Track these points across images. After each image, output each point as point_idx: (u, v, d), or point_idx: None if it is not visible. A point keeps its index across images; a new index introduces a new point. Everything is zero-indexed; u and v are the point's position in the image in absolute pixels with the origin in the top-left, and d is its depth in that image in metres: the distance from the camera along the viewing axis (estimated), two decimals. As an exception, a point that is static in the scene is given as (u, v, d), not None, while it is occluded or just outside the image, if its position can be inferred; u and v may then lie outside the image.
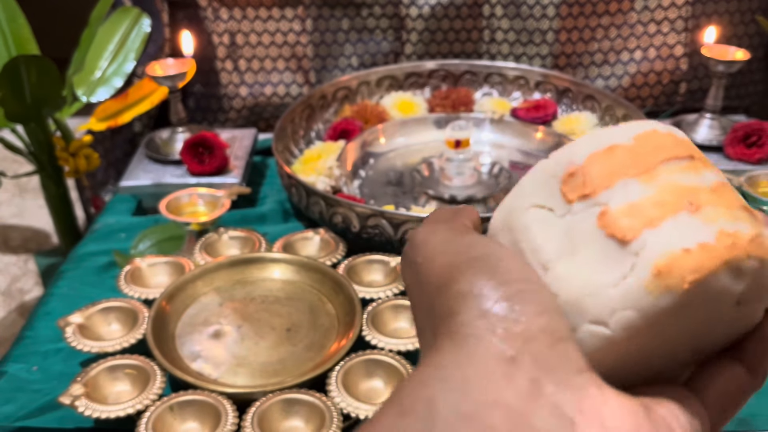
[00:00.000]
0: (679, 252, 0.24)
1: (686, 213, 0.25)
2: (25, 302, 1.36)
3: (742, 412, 0.62)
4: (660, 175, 0.26)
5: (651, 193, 0.26)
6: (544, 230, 0.28)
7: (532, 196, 0.29)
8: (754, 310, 0.28)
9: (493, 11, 1.13)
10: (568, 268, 0.26)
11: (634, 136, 0.28)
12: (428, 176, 0.94)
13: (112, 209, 0.95)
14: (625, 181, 0.26)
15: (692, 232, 0.25)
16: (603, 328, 0.25)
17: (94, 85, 1.03)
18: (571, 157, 0.28)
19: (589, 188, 0.27)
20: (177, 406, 0.59)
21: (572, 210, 0.27)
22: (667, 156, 0.27)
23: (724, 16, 1.13)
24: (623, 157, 0.27)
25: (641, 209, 0.26)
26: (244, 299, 0.72)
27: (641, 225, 0.25)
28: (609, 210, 0.26)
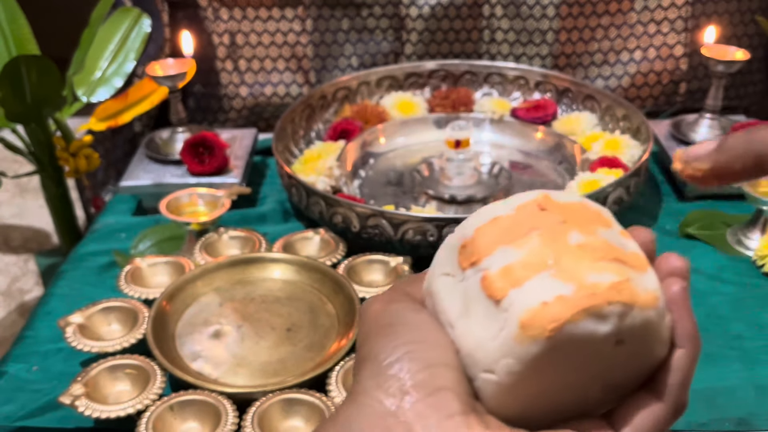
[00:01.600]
0: (538, 306, 0.28)
1: (547, 272, 0.29)
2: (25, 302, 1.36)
3: (742, 411, 0.62)
4: (531, 239, 0.30)
5: (521, 256, 0.29)
6: (448, 294, 0.32)
7: (441, 265, 0.33)
8: (648, 348, 0.30)
9: (493, 11, 1.13)
10: (464, 326, 0.31)
11: (517, 207, 0.32)
12: (428, 176, 0.94)
13: (112, 209, 0.95)
14: (503, 248, 0.30)
15: (551, 288, 0.28)
16: (492, 376, 0.29)
17: (95, 85, 1.03)
18: (464, 231, 0.32)
19: (475, 256, 0.31)
20: (177, 405, 0.59)
21: (465, 276, 0.31)
22: (539, 222, 0.30)
23: (724, 16, 1.13)
24: (504, 227, 0.31)
25: (511, 271, 0.29)
26: (245, 299, 0.72)
27: (509, 285, 0.29)
28: (488, 274, 0.30)
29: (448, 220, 0.76)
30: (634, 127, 0.95)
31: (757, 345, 0.70)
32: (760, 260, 0.79)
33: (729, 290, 0.77)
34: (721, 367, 0.67)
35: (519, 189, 0.93)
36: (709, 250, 0.83)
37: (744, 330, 0.71)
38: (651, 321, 0.29)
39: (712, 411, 0.63)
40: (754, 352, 0.69)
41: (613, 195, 0.80)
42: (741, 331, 0.71)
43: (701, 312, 0.74)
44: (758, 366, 0.67)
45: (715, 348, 0.69)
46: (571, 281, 0.28)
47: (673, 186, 0.95)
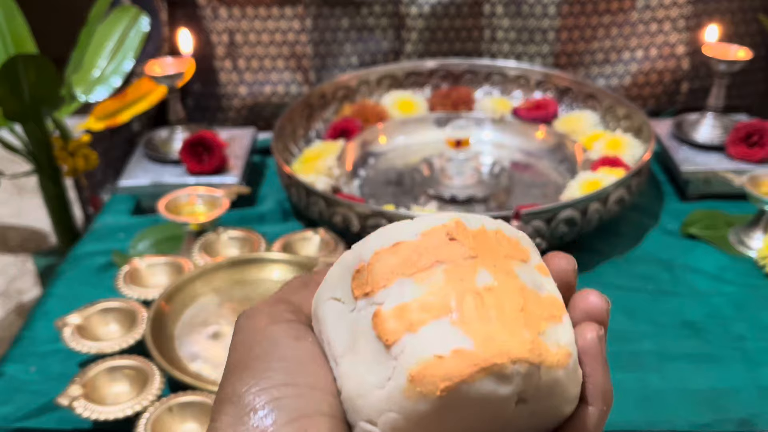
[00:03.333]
0: (432, 359, 0.24)
1: (448, 318, 0.25)
2: (23, 302, 1.36)
3: (744, 412, 0.62)
4: (434, 275, 0.26)
5: (420, 294, 0.26)
6: (336, 323, 0.28)
7: (332, 288, 0.29)
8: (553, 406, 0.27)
9: (494, 10, 1.12)
10: (349, 365, 0.27)
11: (422, 232, 0.27)
12: (428, 176, 0.94)
13: (110, 209, 0.95)
14: (401, 281, 0.26)
15: (449, 339, 0.25)
16: (374, 428, 0.26)
17: (93, 84, 1.03)
18: (361, 253, 0.28)
19: (369, 286, 0.27)
20: (176, 407, 0.59)
21: (357, 306, 0.27)
22: (446, 254, 0.26)
23: (726, 15, 1.13)
24: (405, 255, 0.27)
25: (408, 311, 0.25)
26: (244, 299, 0.72)
27: (403, 329, 0.25)
28: (380, 311, 0.26)
29: (448, 220, 0.75)
30: (635, 126, 0.95)
31: (760, 346, 0.69)
32: (762, 260, 0.79)
33: (731, 290, 0.76)
34: (724, 368, 0.67)
35: (520, 189, 0.92)
36: (711, 250, 0.82)
37: (746, 331, 0.71)
38: (559, 381, 0.26)
39: (714, 412, 0.62)
40: (757, 353, 0.69)
41: (614, 195, 0.80)
42: (743, 331, 0.71)
43: (703, 312, 0.73)
44: (761, 367, 0.67)
45: (717, 349, 0.69)
46: (473, 333, 0.25)
47: (675, 186, 0.95)
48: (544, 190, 0.93)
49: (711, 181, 0.90)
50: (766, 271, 0.78)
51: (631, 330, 0.72)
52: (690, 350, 0.69)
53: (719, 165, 0.90)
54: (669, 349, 0.69)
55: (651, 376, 0.66)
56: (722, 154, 0.92)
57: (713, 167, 0.90)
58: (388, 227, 0.28)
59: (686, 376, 0.66)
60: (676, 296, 0.76)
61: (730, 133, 0.91)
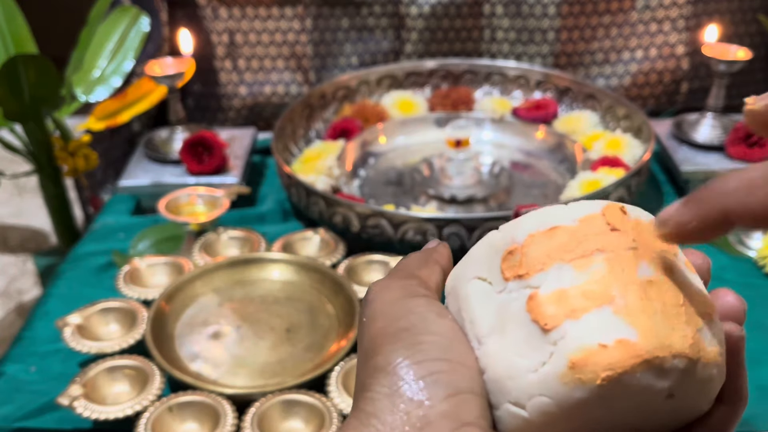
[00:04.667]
0: (595, 347, 0.24)
1: (609, 307, 0.25)
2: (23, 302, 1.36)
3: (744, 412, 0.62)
4: (594, 262, 0.26)
5: (581, 281, 0.25)
6: (481, 303, 0.28)
7: (476, 267, 0.29)
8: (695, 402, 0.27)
9: (494, 10, 1.12)
10: (496, 346, 0.27)
11: (580, 218, 0.27)
12: (428, 176, 0.94)
13: (110, 209, 0.95)
14: (559, 266, 0.26)
15: (613, 328, 0.25)
16: (521, 410, 0.26)
17: (93, 84, 1.03)
18: (514, 234, 0.28)
19: (524, 269, 0.27)
20: (176, 406, 0.59)
21: (507, 288, 0.27)
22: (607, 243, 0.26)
23: (726, 15, 1.13)
24: (563, 240, 0.27)
25: (567, 298, 0.25)
26: (244, 299, 0.72)
27: (563, 314, 0.25)
28: (537, 295, 0.26)
29: (448, 220, 0.75)
30: (635, 126, 0.95)
31: (759, 346, 0.69)
32: (761, 260, 0.79)
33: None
34: (723, 368, 0.67)
35: (520, 189, 0.93)
36: (711, 250, 0.82)
37: (746, 330, 0.71)
38: (711, 378, 0.26)
39: (714, 412, 0.62)
40: (756, 353, 0.69)
41: (614, 195, 0.80)
42: (743, 331, 0.71)
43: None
44: (760, 366, 0.67)
45: (717, 348, 0.69)
46: (636, 325, 0.25)
47: (675, 186, 0.95)
48: (544, 190, 0.93)
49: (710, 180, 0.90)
50: (765, 270, 0.78)
51: (631, 330, 0.72)
52: (689, 350, 0.69)
53: (719, 165, 0.90)
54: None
55: (650, 376, 0.66)
56: (722, 154, 0.92)
57: (713, 167, 0.90)
58: (542, 210, 0.28)
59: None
60: (676, 296, 0.76)
61: (729, 133, 0.92)
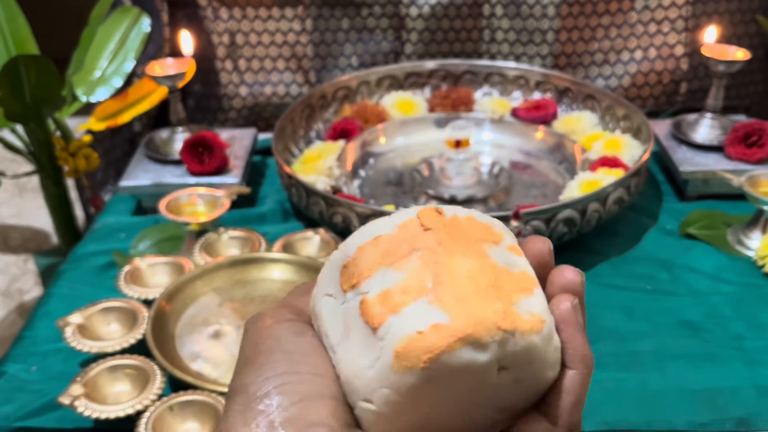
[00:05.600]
0: (414, 335, 0.27)
1: (425, 298, 0.28)
2: (24, 302, 1.36)
3: (743, 411, 0.62)
4: (411, 262, 0.29)
5: (400, 280, 0.28)
6: (330, 317, 0.31)
7: (325, 285, 0.32)
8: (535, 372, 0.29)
9: (493, 11, 1.12)
10: (344, 352, 0.29)
11: (399, 225, 0.30)
12: (428, 176, 0.94)
13: (111, 209, 0.95)
14: (383, 270, 0.29)
15: (428, 316, 0.27)
16: (371, 405, 0.28)
17: (94, 84, 1.03)
18: (346, 250, 0.31)
19: (356, 278, 0.29)
20: (177, 406, 0.59)
21: (347, 299, 0.30)
22: (421, 242, 0.29)
23: (725, 15, 1.13)
24: (385, 247, 0.29)
25: (390, 296, 0.28)
26: (244, 299, 0.72)
27: (387, 312, 0.28)
28: (366, 299, 0.29)
29: (448, 220, 0.75)
30: (634, 126, 0.95)
31: (758, 345, 0.70)
32: (760, 260, 0.79)
33: (729, 290, 0.77)
34: (722, 367, 0.67)
35: (519, 189, 0.93)
36: (710, 250, 0.83)
37: (745, 330, 0.71)
38: (535, 346, 0.28)
39: (713, 411, 0.63)
40: (755, 352, 0.69)
41: (613, 195, 0.80)
42: (742, 331, 0.71)
43: (701, 312, 0.74)
44: (759, 366, 0.67)
45: (715, 348, 0.69)
46: (449, 308, 0.27)
47: (674, 186, 0.95)
48: (544, 190, 0.93)
49: (710, 181, 0.90)
50: (764, 270, 0.78)
51: (630, 330, 0.72)
52: (689, 350, 0.69)
53: (718, 165, 0.90)
54: (668, 349, 0.69)
55: (650, 376, 0.67)
56: (721, 154, 0.92)
57: (712, 167, 0.90)
58: (369, 224, 0.31)
59: (685, 376, 0.66)
60: (675, 296, 0.76)
61: (728, 133, 0.92)
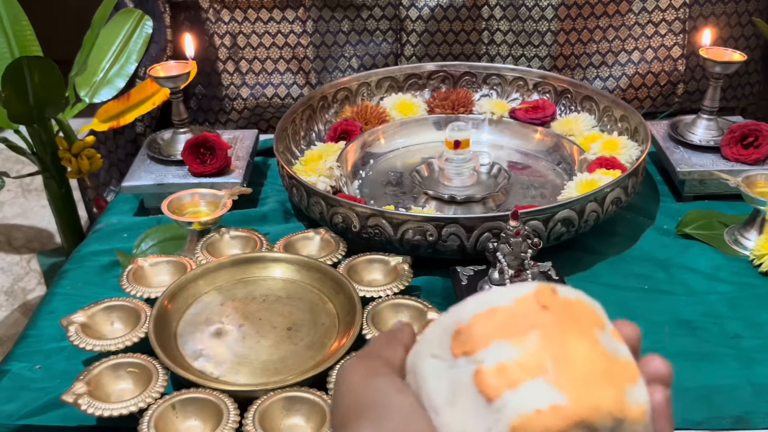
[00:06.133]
0: (531, 413, 0.28)
1: (543, 377, 0.28)
2: (28, 301, 1.37)
3: (739, 410, 0.63)
4: (529, 339, 0.29)
5: (518, 355, 0.29)
6: (436, 378, 0.31)
7: (431, 345, 0.32)
8: None
9: (492, 13, 1.13)
10: (450, 416, 0.30)
11: (516, 299, 0.31)
12: (428, 176, 0.95)
13: (114, 209, 0.96)
14: (499, 342, 0.30)
15: (546, 395, 0.28)
16: None
17: (97, 86, 1.04)
18: (460, 316, 0.31)
19: (469, 346, 0.30)
20: (179, 404, 0.59)
21: (457, 364, 0.30)
22: (539, 321, 0.30)
23: (721, 18, 1.14)
24: (501, 319, 0.30)
25: (507, 370, 0.29)
26: (246, 298, 0.73)
27: (504, 386, 0.29)
28: (482, 369, 0.29)
29: (447, 220, 0.76)
30: (632, 127, 0.96)
31: (755, 344, 0.70)
32: (757, 260, 0.79)
33: (726, 289, 0.77)
34: (719, 366, 0.68)
35: (518, 189, 0.93)
36: (707, 250, 0.83)
37: (741, 329, 0.72)
38: None
39: (709, 409, 0.63)
40: (752, 351, 0.69)
41: (611, 195, 0.81)
42: (738, 330, 0.72)
43: (698, 311, 0.74)
44: (755, 365, 0.68)
45: (712, 347, 0.70)
46: (567, 390, 0.28)
47: (671, 186, 0.96)
48: (542, 190, 0.94)
49: (706, 181, 0.91)
50: (760, 270, 0.79)
51: (627, 328, 0.72)
52: (685, 348, 0.70)
53: (714, 166, 0.91)
54: (664, 348, 0.70)
55: (646, 374, 0.67)
56: (717, 155, 0.93)
57: (708, 168, 0.90)
58: (484, 293, 0.32)
59: (682, 374, 0.67)
60: (672, 295, 0.77)
61: (725, 134, 0.92)
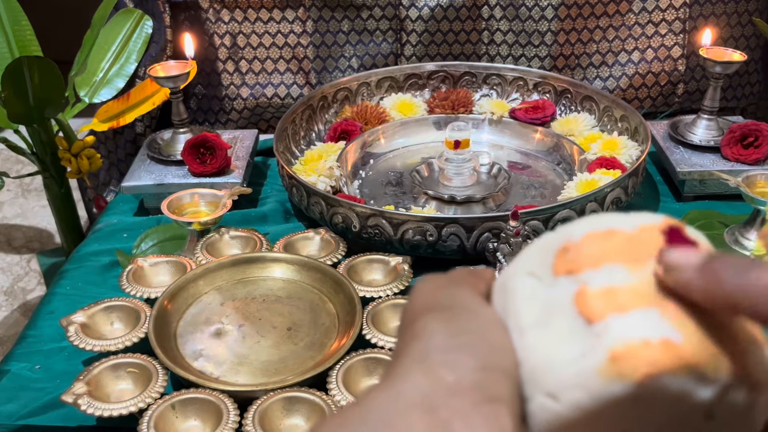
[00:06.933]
0: (638, 343, 0.24)
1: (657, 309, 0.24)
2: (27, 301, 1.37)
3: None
4: (648, 268, 0.26)
5: (632, 281, 0.25)
6: (529, 296, 0.27)
7: (528, 263, 0.29)
8: None
9: (492, 13, 1.13)
10: (537, 338, 0.26)
11: (639, 226, 0.27)
12: (428, 176, 0.95)
13: (114, 209, 0.96)
14: (612, 266, 0.26)
15: (659, 328, 0.24)
16: (555, 404, 0.25)
17: (97, 86, 1.04)
18: (570, 232, 0.28)
19: (576, 265, 0.26)
20: (179, 404, 0.59)
21: (557, 283, 0.27)
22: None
23: (721, 17, 1.14)
24: (619, 243, 0.26)
25: (616, 294, 0.25)
26: (246, 298, 0.73)
27: (610, 308, 0.25)
28: (586, 289, 0.25)
29: (447, 220, 0.76)
30: (632, 127, 0.96)
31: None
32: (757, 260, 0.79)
33: (726, 290, 0.77)
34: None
35: (518, 189, 0.93)
36: (707, 250, 0.83)
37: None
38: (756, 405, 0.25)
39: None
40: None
41: (611, 195, 0.81)
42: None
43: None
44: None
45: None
46: (683, 329, 0.24)
47: (671, 186, 0.96)
48: (542, 190, 0.94)
49: (706, 181, 0.91)
50: (760, 270, 0.79)
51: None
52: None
53: (714, 166, 0.91)
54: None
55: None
56: (717, 155, 0.93)
57: (709, 168, 0.91)
58: (600, 215, 0.28)
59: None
60: (671, 295, 0.77)
61: (725, 134, 0.92)
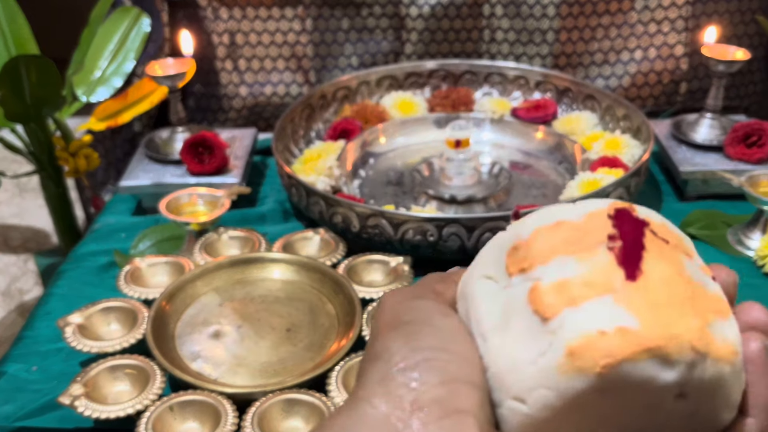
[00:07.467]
0: (594, 334, 0.23)
1: (610, 296, 0.24)
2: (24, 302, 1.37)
3: None
4: (598, 255, 0.25)
5: (583, 271, 0.25)
6: (487, 301, 0.27)
7: (484, 266, 0.28)
8: (712, 409, 0.25)
9: (493, 11, 1.13)
10: (499, 342, 0.26)
11: (587, 214, 0.27)
12: (428, 176, 0.94)
13: (111, 209, 0.95)
14: (562, 258, 0.25)
15: (614, 316, 0.23)
16: (523, 406, 0.25)
17: (94, 84, 1.03)
18: (519, 231, 0.27)
19: (527, 262, 0.26)
20: (177, 406, 0.59)
21: (512, 283, 0.26)
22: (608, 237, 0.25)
23: (725, 15, 1.13)
24: (567, 234, 0.26)
25: (568, 287, 0.24)
26: (244, 299, 0.72)
27: (563, 303, 0.24)
28: (539, 286, 0.25)
29: (448, 220, 0.76)
30: (634, 126, 0.95)
31: (758, 345, 0.69)
32: (760, 260, 0.79)
33: (729, 290, 0.77)
34: (722, 368, 0.67)
35: (519, 189, 0.93)
36: (710, 250, 0.83)
37: (744, 330, 0.71)
38: (724, 377, 0.24)
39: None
40: (755, 352, 0.69)
41: (613, 195, 0.80)
42: (741, 331, 0.71)
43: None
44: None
45: (715, 348, 0.69)
46: (639, 313, 0.23)
47: (674, 186, 0.95)
48: (544, 190, 0.93)
49: (709, 181, 0.91)
50: (764, 270, 0.78)
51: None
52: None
53: (718, 165, 0.90)
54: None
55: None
56: (721, 154, 0.92)
57: (712, 167, 0.90)
58: (548, 207, 0.28)
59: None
60: (675, 296, 0.76)
61: (728, 133, 0.92)
